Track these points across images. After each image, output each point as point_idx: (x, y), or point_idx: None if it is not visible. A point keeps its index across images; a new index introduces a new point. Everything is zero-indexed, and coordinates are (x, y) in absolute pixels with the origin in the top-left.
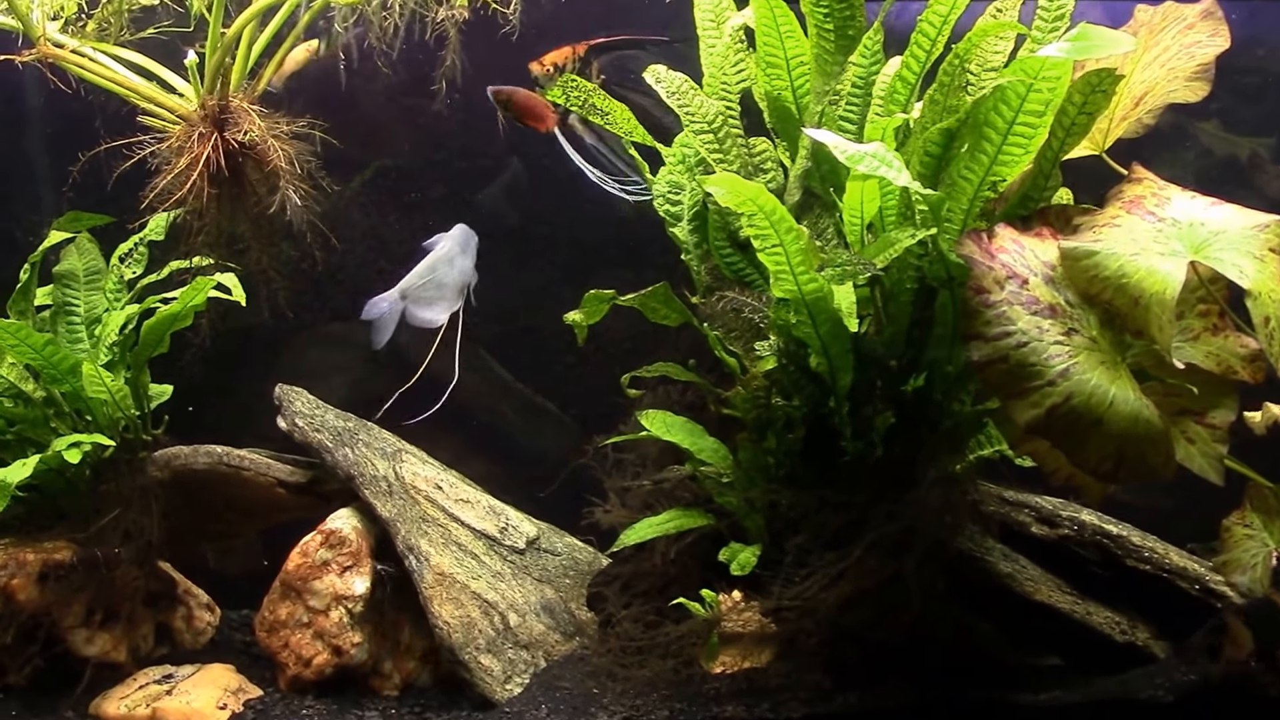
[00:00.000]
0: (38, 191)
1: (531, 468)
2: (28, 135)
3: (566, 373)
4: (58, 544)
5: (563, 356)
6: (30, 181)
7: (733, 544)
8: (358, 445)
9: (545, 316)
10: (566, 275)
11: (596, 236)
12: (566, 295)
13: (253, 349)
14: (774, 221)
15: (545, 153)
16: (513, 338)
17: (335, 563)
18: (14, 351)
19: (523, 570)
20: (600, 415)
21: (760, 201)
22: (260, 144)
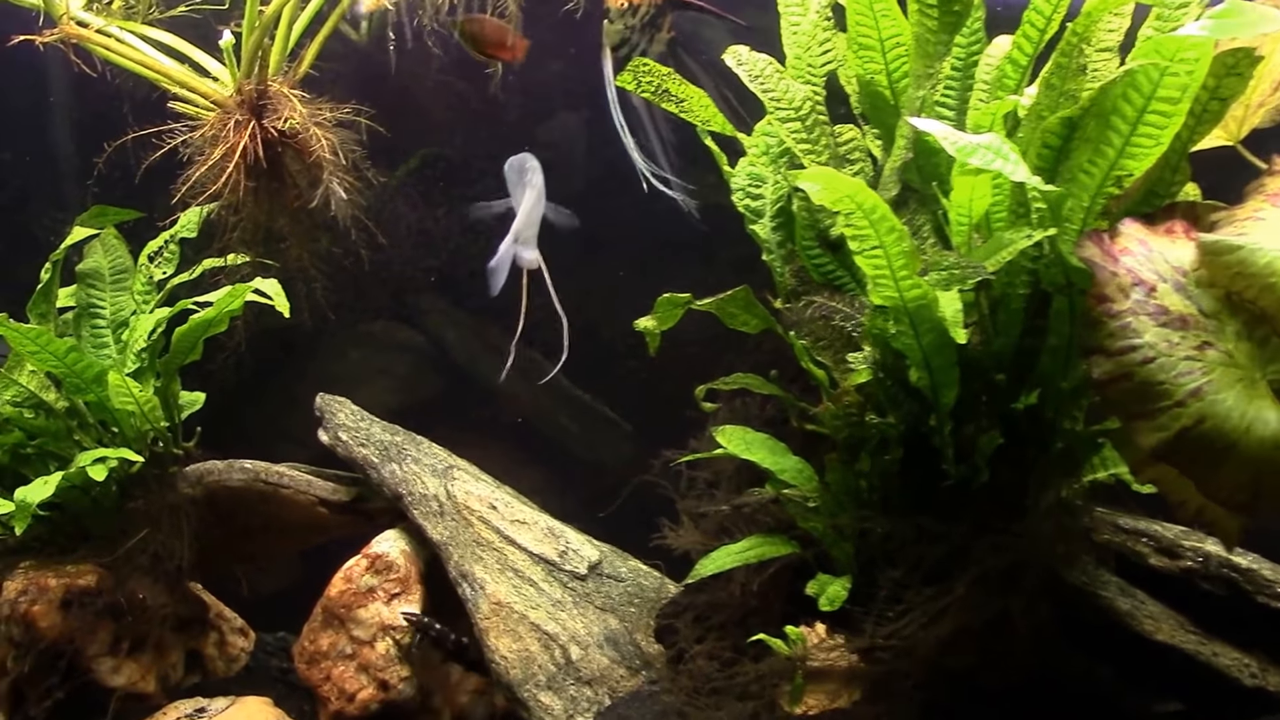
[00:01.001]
0: (60, 185)
1: (589, 481)
2: (49, 124)
3: (629, 379)
4: (82, 567)
5: (624, 361)
6: (52, 174)
7: (820, 575)
8: (406, 461)
9: (605, 317)
10: (629, 272)
11: (662, 230)
12: (629, 293)
13: (288, 350)
14: (874, 221)
15: (607, 141)
16: (570, 340)
17: (382, 589)
18: (34, 359)
19: (584, 598)
20: (665, 425)
21: (859, 198)
22: (302, 132)
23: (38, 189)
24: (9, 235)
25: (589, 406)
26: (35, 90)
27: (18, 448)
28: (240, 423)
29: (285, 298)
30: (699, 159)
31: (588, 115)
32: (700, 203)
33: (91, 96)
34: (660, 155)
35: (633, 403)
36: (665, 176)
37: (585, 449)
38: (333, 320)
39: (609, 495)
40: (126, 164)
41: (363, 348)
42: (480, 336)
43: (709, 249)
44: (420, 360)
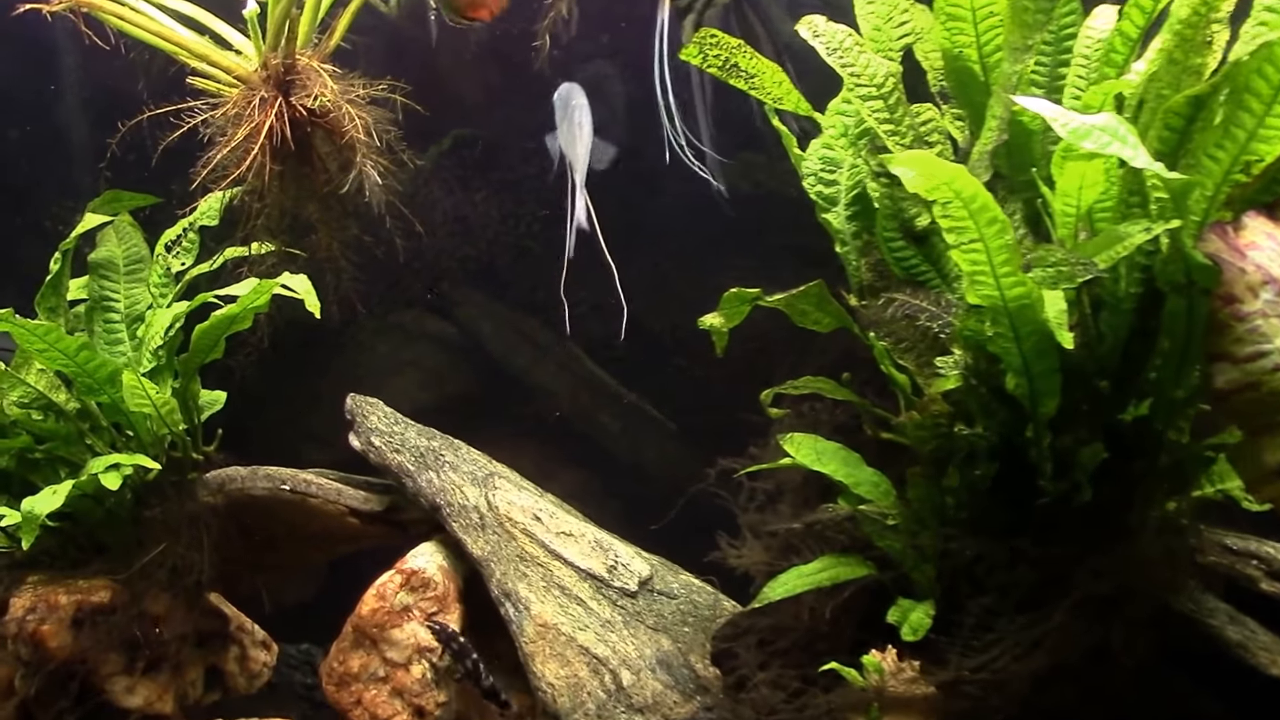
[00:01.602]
0: (70, 168)
1: (633, 485)
2: (59, 102)
3: (677, 376)
4: (95, 583)
5: (672, 358)
6: (62, 158)
7: (901, 601)
8: (443, 469)
9: (653, 310)
10: (678, 263)
11: (712, 217)
12: (678, 285)
13: (312, 342)
14: (974, 211)
15: (658, 121)
16: (614, 336)
17: (418, 608)
18: (43, 357)
19: (635, 617)
20: (717, 427)
21: (958, 186)
22: (333, 111)
23: (46, 173)
24: (15, 223)
25: (632, 405)
26: (43, 65)
27: (25, 452)
28: (260, 421)
29: (315, 294)
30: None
31: (637, 93)
32: (750, 186)
33: (103, 72)
34: (704, 128)
35: (682, 402)
36: (700, 150)
37: (628, 450)
38: (363, 313)
39: (654, 500)
40: (142, 145)
41: (391, 340)
42: (517, 329)
43: (763, 237)
44: (452, 353)
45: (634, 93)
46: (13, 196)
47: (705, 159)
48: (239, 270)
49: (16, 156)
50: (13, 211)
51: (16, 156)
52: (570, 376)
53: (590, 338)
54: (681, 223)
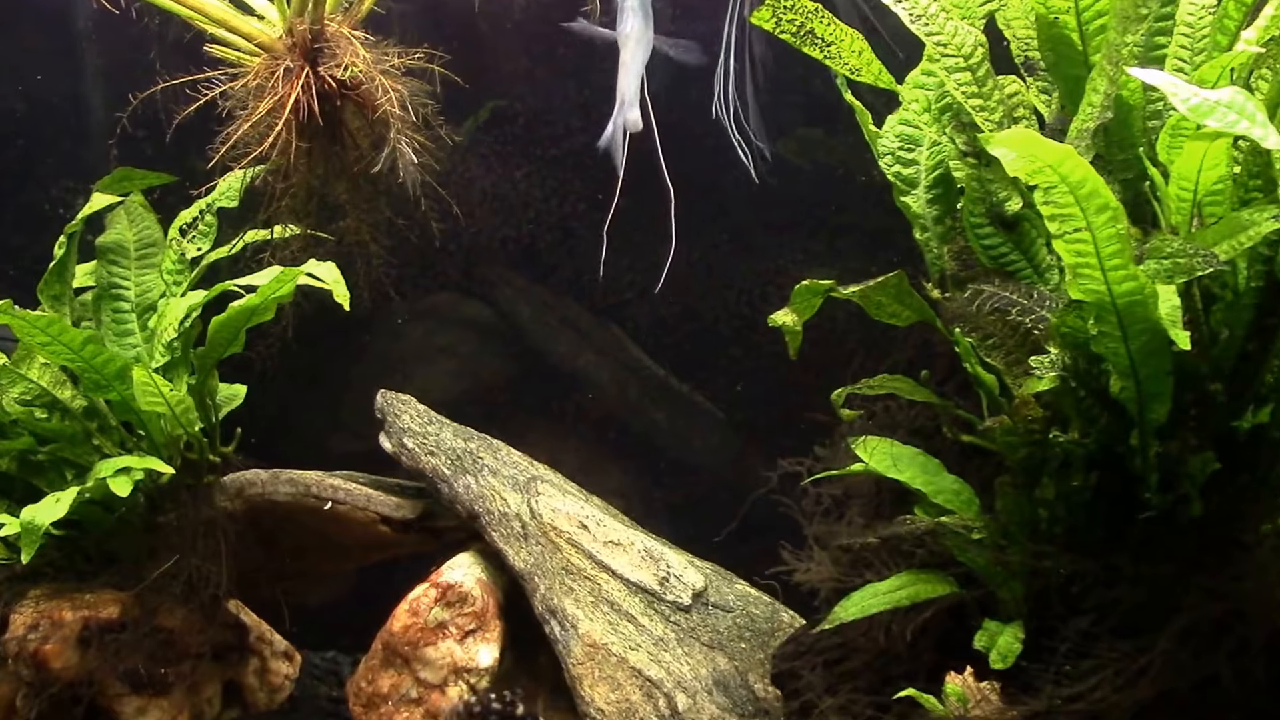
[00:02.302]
0: (76, 145)
1: (681, 483)
2: (64, 72)
3: (733, 369)
4: (102, 596)
5: (727, 349)
6: (67, 132)
7: (987, 624)
8: (482, 473)
9: (708, 298)
10: (736, 246)
11: (771, 200)
12: (736, 270)
13: (341, 327)
14: (1081, 197)
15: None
16: (666, 325)
17: (454, 625)
18: (46, 351)
19: (689, 633)
20: (776, 424)
21: (1065, 169)
22: (365, 82)
23: (50, 149)
24: (17, 203)
25: (682, 396)
26: (48, 32)
27: (27, 454)
28: (285, 411)
29: (344, 282)
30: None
31: (693, 65)
32: (807, 163)
33: (112, 39)
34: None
35: (737, 396)
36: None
37: (677, 445)
38: (396, 300)
39: (705, 499)
40: (155, 120)
41: (423, 325)
42: (557, 312)
43: (823, 218)
44: (488, 340)
45: (692, 64)
46: (11, 176)
47: (752, 131)
48: (260, 256)
49: (15, 133)
50: (11, 193)
51: (15, 133)
52: (615, 365)
53: (638, 324)
54: (740, 207)
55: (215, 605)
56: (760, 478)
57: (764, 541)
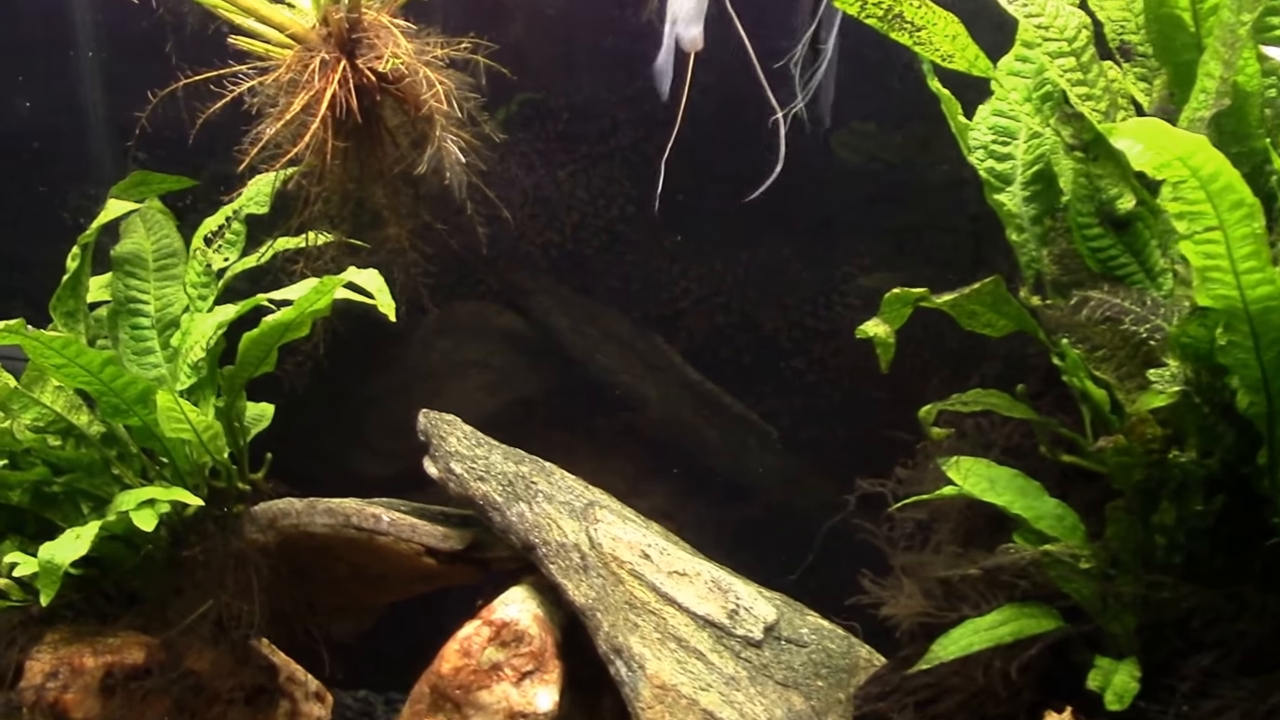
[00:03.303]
0: (90, 149)
1: (740, 510)
2: (75, 68)
3: (795, 382)
4: (126, 638)
5: (789, 360)
6: (80, 132)
7: (1100, 661)
8: (536, 500)
9: (767, 305)
10: (798, 247)
11: (833, 198)
12: (794, 277)
13: (364, 339)
14: (1214, 193)
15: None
16: (720, 334)
17: (510, 666)
18: (61, 373)
19: (761, 671)
20: (842, 441)
21: (1196, 161)
22: (407, 75)
23: (62, 152)
24: (26, 212)
25: (736, 413)
26: (55, 22)
27: (41, 485)
28: (303, 428)
29: (389, 293)
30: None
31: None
32: (861, 160)
33: (130, 31)
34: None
35: (799, 413)
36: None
37: (732, 465)
38: (433, 312)
39: (764, 523)
40: (176, 120)
41: (453, 337)
42: (597, 323)
43: (892, 222)
44: (523, 352)
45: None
46: (22, 181)
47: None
48: (290, 267)
49: (25, 133)
50: (22, 198)
51: (25, 133)
52: (663, 379)
53: (691, 335)
54: (801, 207)
55: (246, 646)
56: (825, 501)
57: (832, 570)
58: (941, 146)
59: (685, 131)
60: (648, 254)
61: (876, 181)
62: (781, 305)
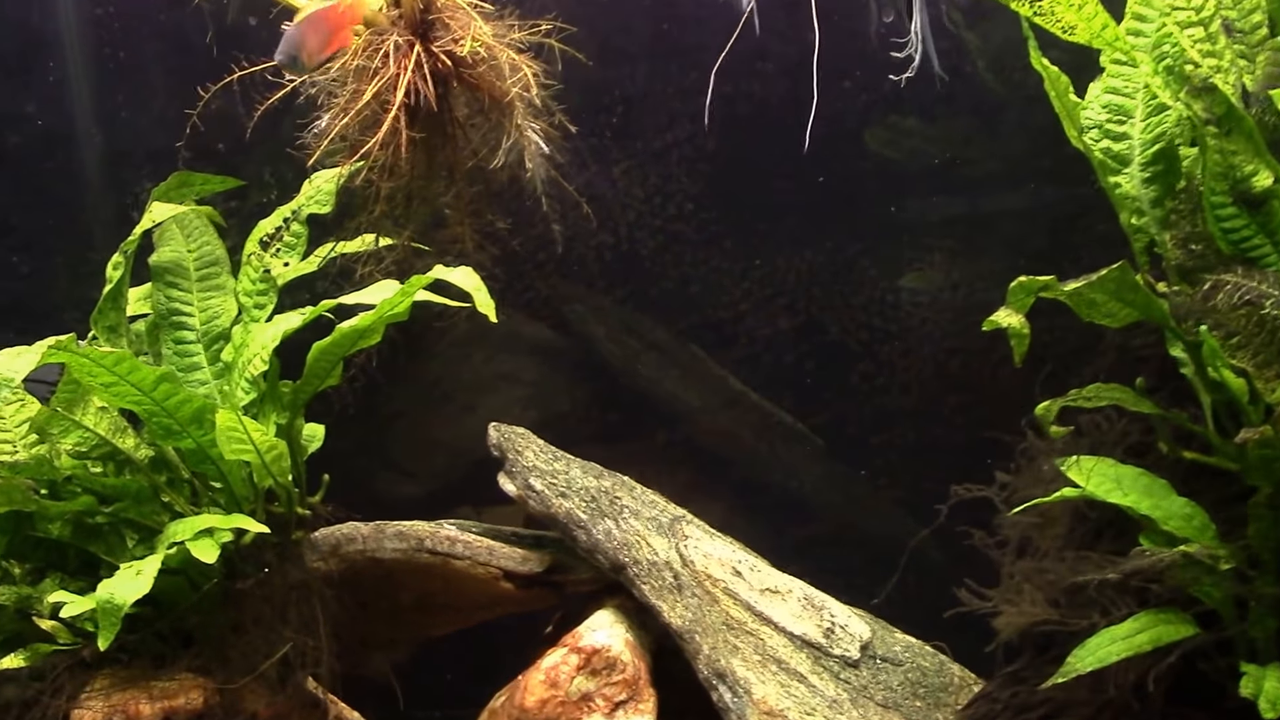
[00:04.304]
0: (134, 147)
1: (797, 521)
2: (117, 58)
3: (865, 386)
4: (183, 682)
5: (858, 364)
6: (122, 131)
7: (1249, 667)
8: (623, 515)
9: (833, 308)
10: (864, 249)
11: (903, 190)
12: (864, 275)
13: (389, 353)
14: None
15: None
16: (781, 338)
17: (601, 696)
18: (107, 393)
19: (861, 693)
20: (915, 449)
21: None
22: (486, 59)
23: (104, 153)
24: (65, 218)
25: (783, 423)
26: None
27: (84, 516)
28: (324, 450)
29: (486, 291)
30: None
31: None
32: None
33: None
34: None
35: (869, 421)
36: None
37: (783, 477)
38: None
39: (824, 540)
40: (229, 118)
41: (484, 349)
42: (637, 332)
43: (960, 214)
44: (558, 362)
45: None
46: (61, 183)
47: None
48: (355, 270)
49: (66, 133)
50: (60, 203)
51: (66, 133)
52: (708, 389)
53: (750, 340)
54: (870, 202)
55: (299, 685)
56: (892, 514)
57: (901, 585)
58: (986, 141)
59: (750, 128)
60: (706, 254)
61: (941, 176)
62: (848, 305)
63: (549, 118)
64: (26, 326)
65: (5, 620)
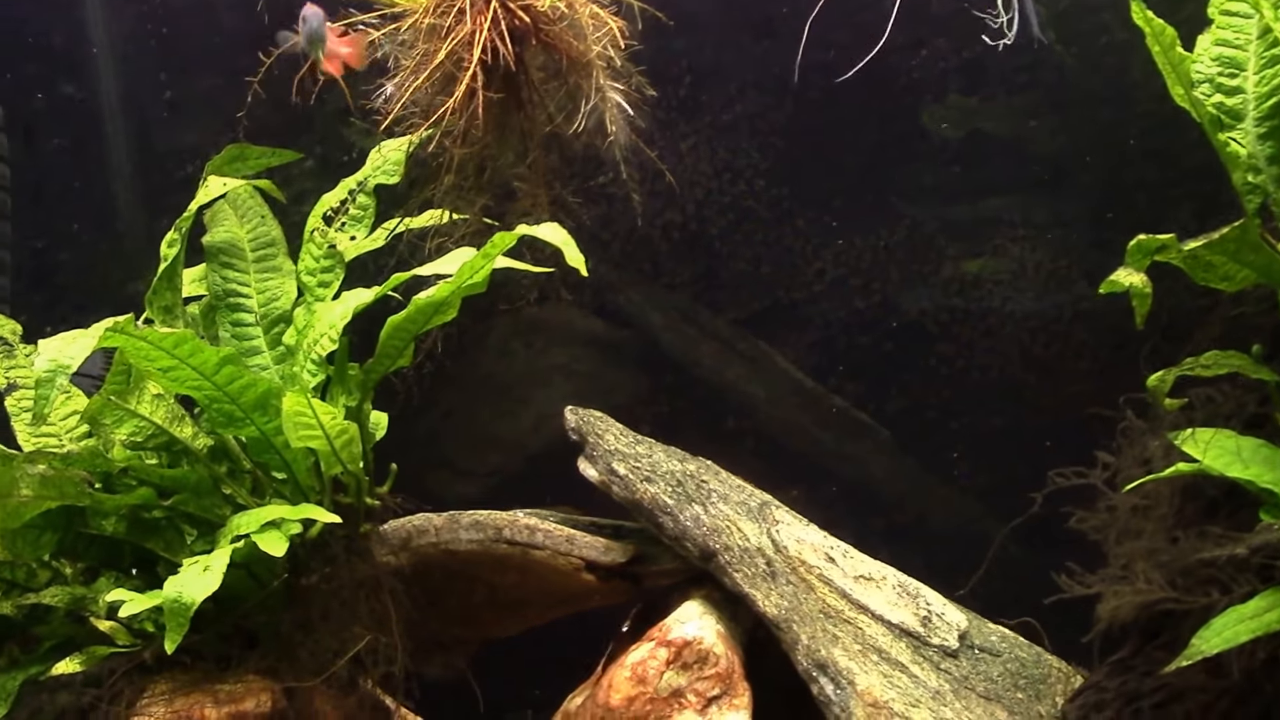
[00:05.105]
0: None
1: (867, 512)
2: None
3: (941, 369)
4: (249, 683)
5: (935, 345)
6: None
7: None
8: (711, 500)
9: (907, 286)
10: (944, 225)
11: (984, 163)
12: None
13: (444, 348)
14: None
15: None
16: (856, 320)
17: (693, 691)
18: (166, 377)
19: (962, 683)
20: (996, 434)
21: None
22: (567, 15)
23: (155, 123)
24: (117, 194)
25: (848, 413)
26: None
27: (140, 510)
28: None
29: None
30: None
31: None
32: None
33: None
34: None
35: (950, 404)
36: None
37: (852, 468)
38: (569, 299)
39: (896, 532)
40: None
41: (533, 340)
42: (695, 321)
43: (1039, 183)
44: (613, 354)
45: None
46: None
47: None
48: (419, 251)
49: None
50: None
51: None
52: (771, 378)
53: (828, 320)
54: (943, 169)
55: (362, 684)
56: (972, 502)
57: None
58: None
59: (823, 102)
60: (778, 233)
61: (1025, 150)
62: (926, 285)
63: (627, 80)
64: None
65: (56, 623)
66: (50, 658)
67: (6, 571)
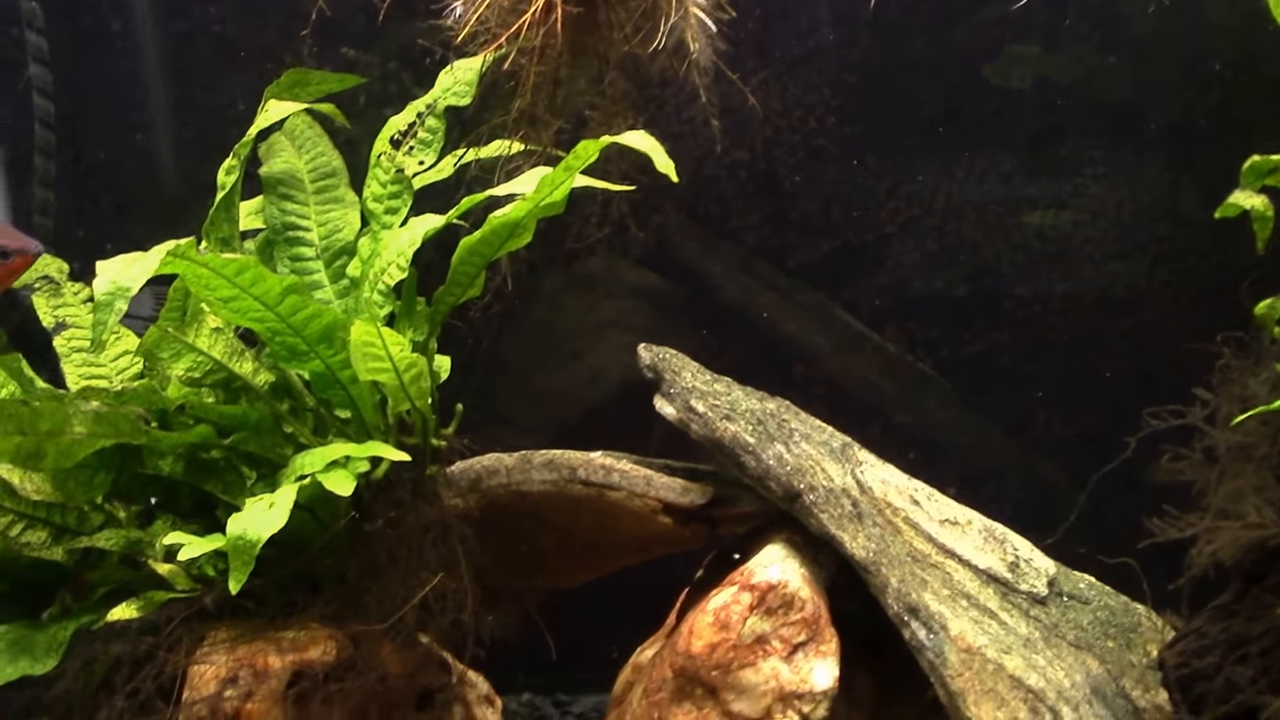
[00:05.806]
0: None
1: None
2: None
3: (1027, 332)
4: (314, 633)
5: (1025, 308)
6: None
7: None
8: (793, 440)
9: (987, 232)
10: (1020, 176)
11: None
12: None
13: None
14: None
15: None
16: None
17: (778, 638)
18: (226, 308)
19: (1052, 631)
20: (1063, 380)
21: None
22: None
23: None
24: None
25: (913, 366)
26: None
27: (198, 450)
28: None
29: (665, 154)
30: None
31: None
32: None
33: None
34: None
35: (1028, 349)
36: None
37: (916, 418)
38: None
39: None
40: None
41: (584, 294)
42: (753, 272)
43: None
44: (669, 307)
45: None
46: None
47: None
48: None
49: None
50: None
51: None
52: (834, 330)
53: (900, 263)
54: (1029, 109)
55: (430, 631)
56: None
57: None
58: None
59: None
60: (849, 172)
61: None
62: (1003, 226)
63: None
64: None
65: (110, 569)
66: (104, 605)
67: (57, 515)
